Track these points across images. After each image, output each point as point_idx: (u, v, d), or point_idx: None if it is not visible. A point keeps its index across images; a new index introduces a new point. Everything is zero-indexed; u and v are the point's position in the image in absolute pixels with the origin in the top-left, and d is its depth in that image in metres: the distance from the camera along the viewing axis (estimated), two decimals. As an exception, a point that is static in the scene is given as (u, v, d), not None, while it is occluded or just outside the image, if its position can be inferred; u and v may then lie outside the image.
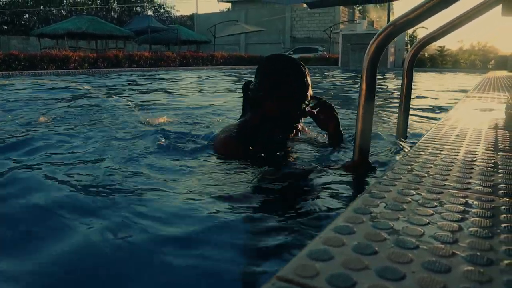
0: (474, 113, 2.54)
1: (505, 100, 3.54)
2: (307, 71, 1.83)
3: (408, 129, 2.30)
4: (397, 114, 2.24)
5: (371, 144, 1.44)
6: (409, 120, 2.30)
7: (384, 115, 3.74)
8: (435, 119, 3.53)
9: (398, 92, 2.16)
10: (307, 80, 1.81)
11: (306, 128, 2.13)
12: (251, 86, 1.87)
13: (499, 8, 2.78)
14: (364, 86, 1.37)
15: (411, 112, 2.36)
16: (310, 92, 1.83)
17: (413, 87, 2.26)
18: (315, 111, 1.89)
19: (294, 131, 1.89)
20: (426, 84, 9.76)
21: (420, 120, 3.53)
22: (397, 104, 2.31)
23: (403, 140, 2.14)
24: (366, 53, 1.36)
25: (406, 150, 1.69)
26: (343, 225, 0.74)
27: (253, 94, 1.84)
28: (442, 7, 1.26)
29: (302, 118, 1.88)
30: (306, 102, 1.83)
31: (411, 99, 2.24)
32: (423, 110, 4.34)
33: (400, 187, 0.99)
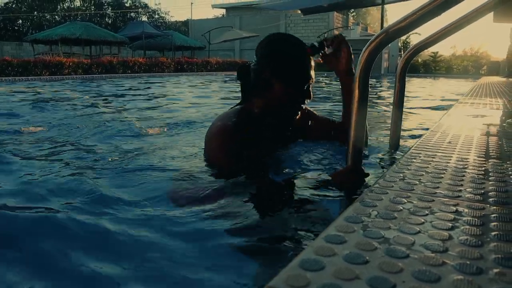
0: (466, 120, 2.56)
1: (497, 106, 3.57)
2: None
3: (401, 135, 2.31)
4: (390, 120, 2.24)
5: (364, 151, 1.44)
6: (402, 126, 2.31)
7: (377, 121, 3.76)
8: (428, 125, 3.55)
9: (391, 98, 2.17)
10: (311, 57, 1.74)
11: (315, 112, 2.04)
12: (252, 67, 1.74)
13: (491, 15, 2.81)
14: (357, 93, 1.37)
15: (404, 118, 2.37)
16: (313, 73, 1.74)
17: (406, 92, 2.27)
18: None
19: (299, 114, 1.79)
20: (419, 89, 9.82)
21: (413, 126, 3.55)
22: (390, 110, 2.32)
23: (396, 146, 2.15)
24: (358, 60, 1.37)
25: (399, 157, 1.69)
26: (335, 234, 0.75)
27: (257, 76, 1.71)
28: (434, 14, 1.27)
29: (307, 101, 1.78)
30: (310, 80, 1.73)
31: (404, 105, 2.25)
32: (416, 116, 4.37)
33: (392, 195, 0.99)
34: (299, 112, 1.78)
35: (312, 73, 1.74)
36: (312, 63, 1.74)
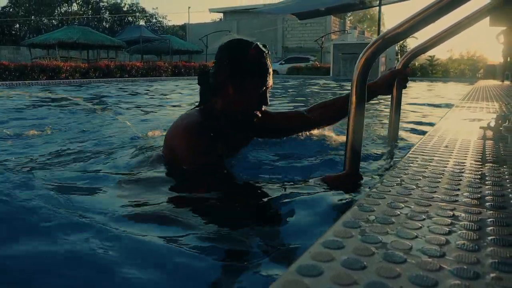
0: (463, 123, 2.57)
1: (494, 110, 3.58)
2: (269, 56, 1.76)
3: (398, 139, 2.32)
4: (387, 124, 2.26)
5: (361, 155, 1.45)
6: (399, 130, 2.32)
7: (375, 126, 3.76)
8: (425, 128, 3.56)
9: (389, 102, 2.18)
10: (269, 63, 1.74)
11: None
12: (210, 71, 1.77)
13: (487, 19, 2.83)
14: (354, 99, 1.38)
15: (401, 121, 2.38)
16: (271, 80, 1.76)
17: (403, 96, 2.28)
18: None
19: (255, 119, 1.79)
20: (416, 93, 9.84)
21: (410, 130, 3.56)
22: (387, 114, 2.33)
23: (393, 150, 2.16)
24: (355, 66, 1.38)
25: (396, 161, 1.70)
26: (332, 240, 0.75)
27: (213, 79, 1.74)
28: (431, 20, 1.28)
29: (262, 107, 1.78)
30: (266, 86, 1.75)
31: (401, 109, 2.26)
32: (413, 119, 4.38)
33: (389, 200, 1.00)
34: (255, 119, 1.78)
35: (270, 79, 1.74)
36: (270, 70, 1.75)
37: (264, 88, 1.74)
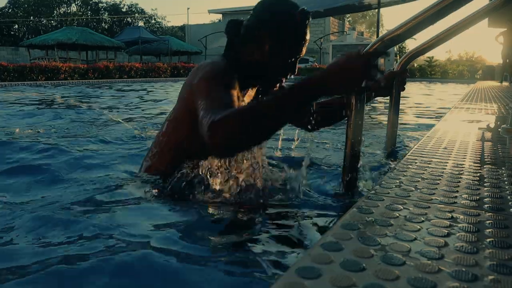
0: (461, 125, 2.58)
1: (492, 111, 3.59)
2: (309, 24, 1.64)
3: (397, 141, 2.32)
4: (386, 126, 2.26)
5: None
6: (398, 131, 2.32)
7: (373, 127, 3.77)
8: (424, 130, 3.56)
9: (387, 103, 2.18)
10: (308, 32, 1.63)
11: None
12: (246, 23, 1.64)
13: (486, 20, 2.83)
14: (353, 100, 1.38)
15: (400, 123, 2.38)
16: (305, 49, 1.66)
17: (402, 97, 2.28)
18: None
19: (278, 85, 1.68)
20: (415, 94, 9.85)
21: (409, 132, 3.56)
22: (386, 116, 2.33)
23: (392, 152, 2.16)
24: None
25: (395, 164, 1.70)
26: (331, 242, 0.75)
27: (248, 32, 1.60)
28: (430, 22, 1.28)
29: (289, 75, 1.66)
30: (299, 55, 1.64)
31: (400, 111, 2.27)
32: (412, 121, 4.39)
33: (388, 202, 1.00)
34: (277, 84, 1.67)
35: (304, 48, 1.64)
36: (308, 37, 1.63)
37: (298, 56, 1.63)
